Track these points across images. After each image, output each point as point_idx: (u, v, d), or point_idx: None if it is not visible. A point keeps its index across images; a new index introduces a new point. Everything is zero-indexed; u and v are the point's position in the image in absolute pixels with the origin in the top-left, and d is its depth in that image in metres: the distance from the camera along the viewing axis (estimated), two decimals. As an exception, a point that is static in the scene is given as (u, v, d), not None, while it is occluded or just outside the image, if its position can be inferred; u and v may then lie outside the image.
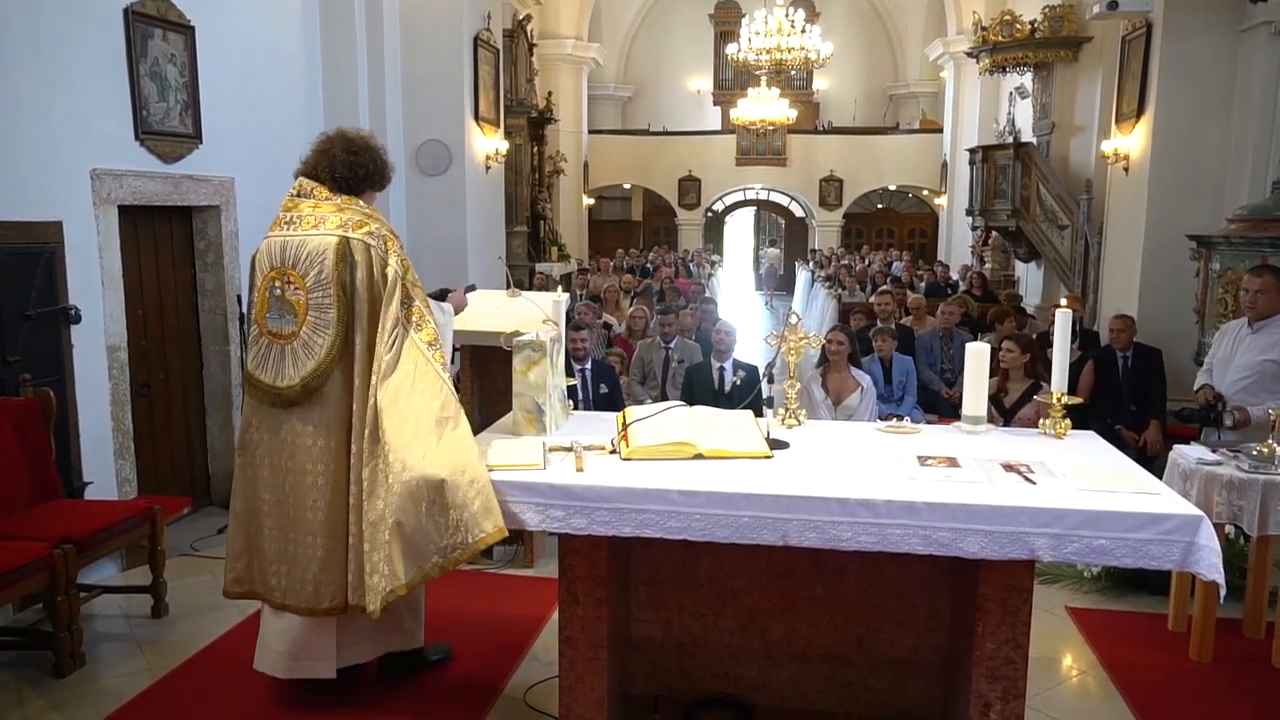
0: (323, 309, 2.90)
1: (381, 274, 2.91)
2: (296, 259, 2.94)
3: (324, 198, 3.06)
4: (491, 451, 2.75)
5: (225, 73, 5.90)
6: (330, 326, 2.90)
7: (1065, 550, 2.35)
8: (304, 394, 2.93)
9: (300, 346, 2.93)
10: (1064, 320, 3.03)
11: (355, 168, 3.08)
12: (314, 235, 2.95)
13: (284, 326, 2.95)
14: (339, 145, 3.10)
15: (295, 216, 3.05)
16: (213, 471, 6.18)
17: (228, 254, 6.04)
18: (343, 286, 2.89)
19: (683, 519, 2.49)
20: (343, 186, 3.07)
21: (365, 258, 2.91)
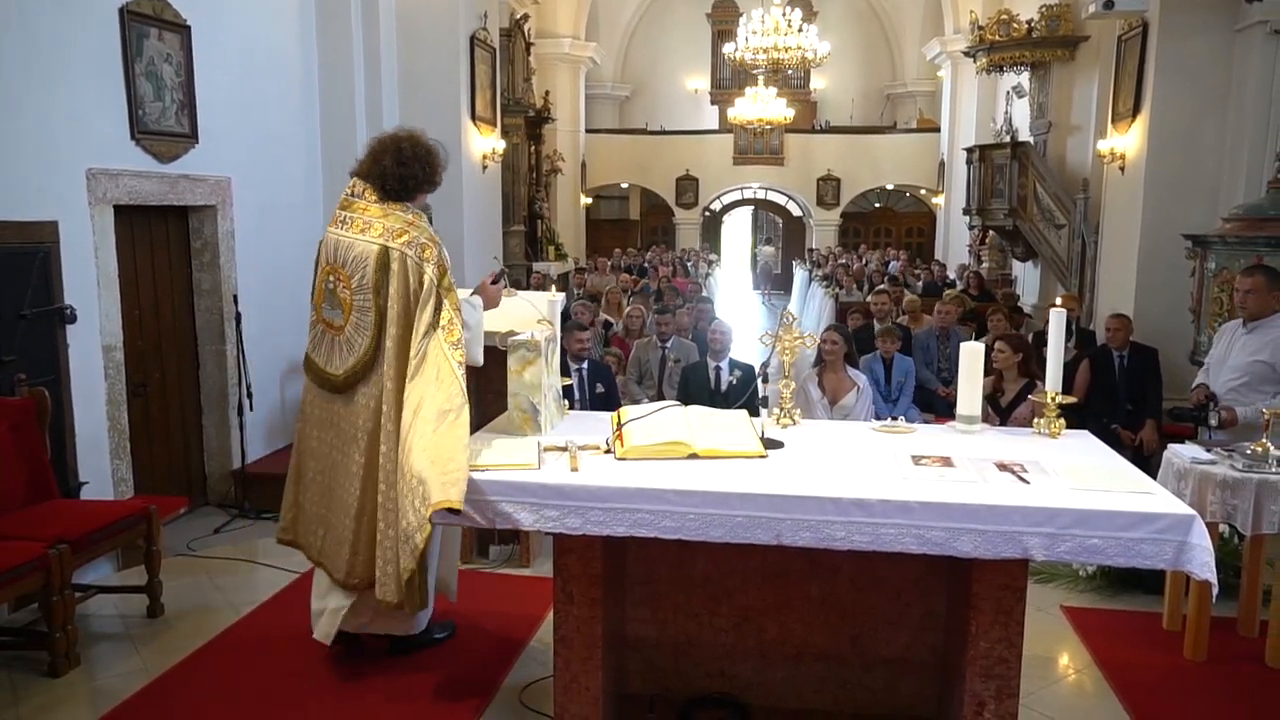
0: (364, 311, 3.11)
1: (418, 282, 3.06)
2: (345, 260, 3.14)
3: (373, 200, 3.20)
4: (486, 451, 2.75)
5: (222, 72, 5.89)
6: (369, 328, 3.12)
7: (1058, 549, 2.36)
8: (346, 385, 3.20)
9: (344, 341, 3.18)
10: (1058, 320, 3.04)
11: (405, 180, 3.19)
12: (360, 240, 3.13)
13: (335, 319, 3.21)
14: (390, 155, 3.19)
15: (347, 217, 3.22)
16: (209, 471, 6.18)
17: (224, 254, 6.04)
18: (378, 293, 3.08)
19: (677, 518, 2.49)
20: (391, 195, 3.19)
21: (402, 267, 3.07)
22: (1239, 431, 4.21)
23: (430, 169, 3.25)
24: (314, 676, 3.46)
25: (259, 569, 4.59)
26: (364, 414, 3.16)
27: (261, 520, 5.77)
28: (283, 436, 6.82)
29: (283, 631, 3.83)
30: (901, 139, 20.44)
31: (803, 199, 21.55)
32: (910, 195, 22.12)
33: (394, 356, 3.06)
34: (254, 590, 4.30)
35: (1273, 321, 4.33)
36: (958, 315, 8.06)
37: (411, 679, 3.45)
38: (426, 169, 3.23)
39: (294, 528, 3.52)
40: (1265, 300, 4.29)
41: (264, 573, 4.53)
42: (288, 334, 6.82)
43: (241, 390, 5.97)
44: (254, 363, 6.16)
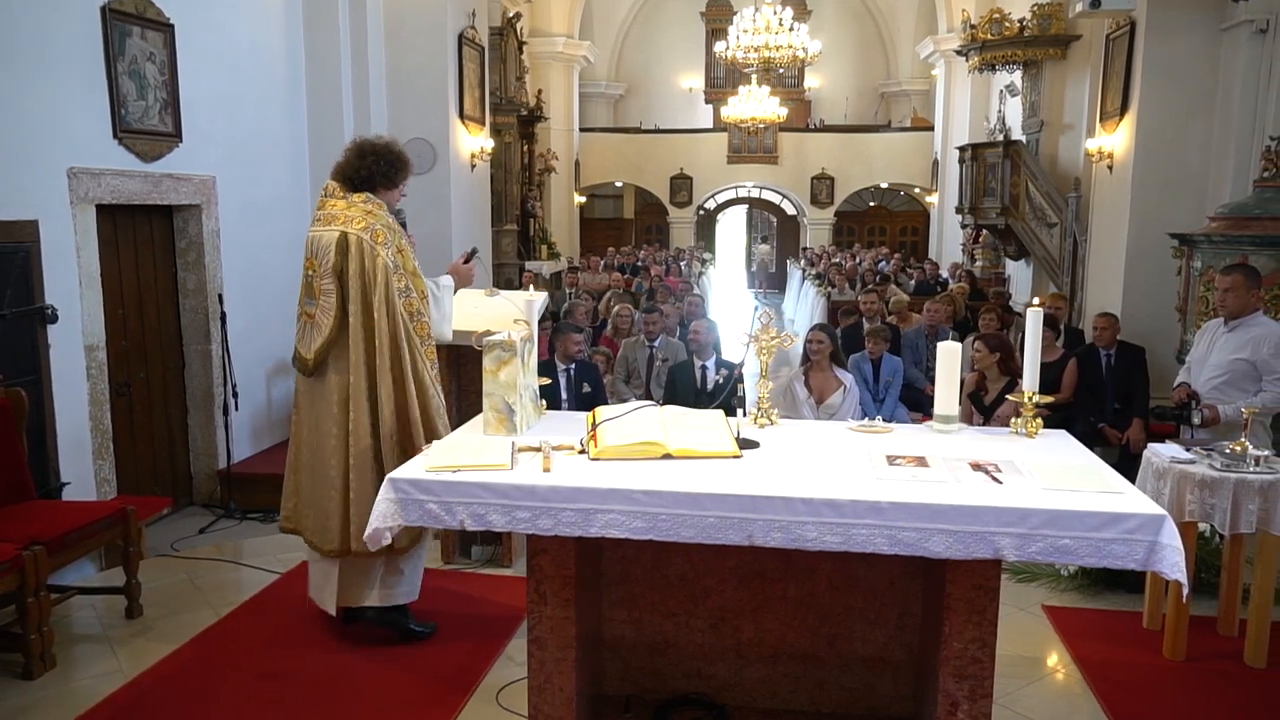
0: (328, 294, 3.40)
1: (372, 264, 3.37)
2: (315, 250, 3.45)
3: (339, 196, 3.52)
4: (459, 452, 2.74)
5: (206, 71, 5.87)
6: (333, 309, 3.41)
7: (1029, 550, 2.35)
8: (317, 364, 3.49)
9: (313, 325, 3.47)
10: (1034, 319, 3.03)
11: (360, 169, 3.52)
12: (326, 230, 3.45)
13: (309, 308, 3.51)
14: (353, 151, 3.57)
15: (321, 214, 3.54)
16: (195, 471, 6.16)
17: (209, 253, 6.02)
18: (338, 276, 3.39)
19: (648, 519, 2.48)
20: (354, 185, 3.51)
21: (359, 250, 3.37)
22: (1222, 430, 4.21)
23: (390, 165, 3.54)
24: (290, 677, 3.45)
25: (241, 570, 4.57)
26: (336, 390, 3.46)
27: (248, 520, 5.76)
28: (269, 436, 6.81)
29: (260, 632, 3.82)
30: (895, 138, 20.44)
31: (797, 198, 21.55)
32: (904, 194, 22.12)
33: (357, 332, 3.39)
34: (235, 591, 4.28)
35: (1253, 320, 4.34)
36: (947, 314, 8.06)
37: (389, 678, 3.44)
38: (385, 163, 3.52)
39: (295, 515, 3.70)
40: (1244, 299, 4.30)
41: (245, 574, 4.52)
42: (273, 333, 6.81)
43: (227, 390, 5.95)
44: (240, 362, 6.14)
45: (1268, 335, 4.28)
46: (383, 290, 3.38)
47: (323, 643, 3.72)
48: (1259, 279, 4.45)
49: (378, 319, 3.39)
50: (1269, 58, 6.08)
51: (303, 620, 3.89)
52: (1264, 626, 3.47)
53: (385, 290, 3.38)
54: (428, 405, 3.51)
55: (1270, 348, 4.23)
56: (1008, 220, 11.54)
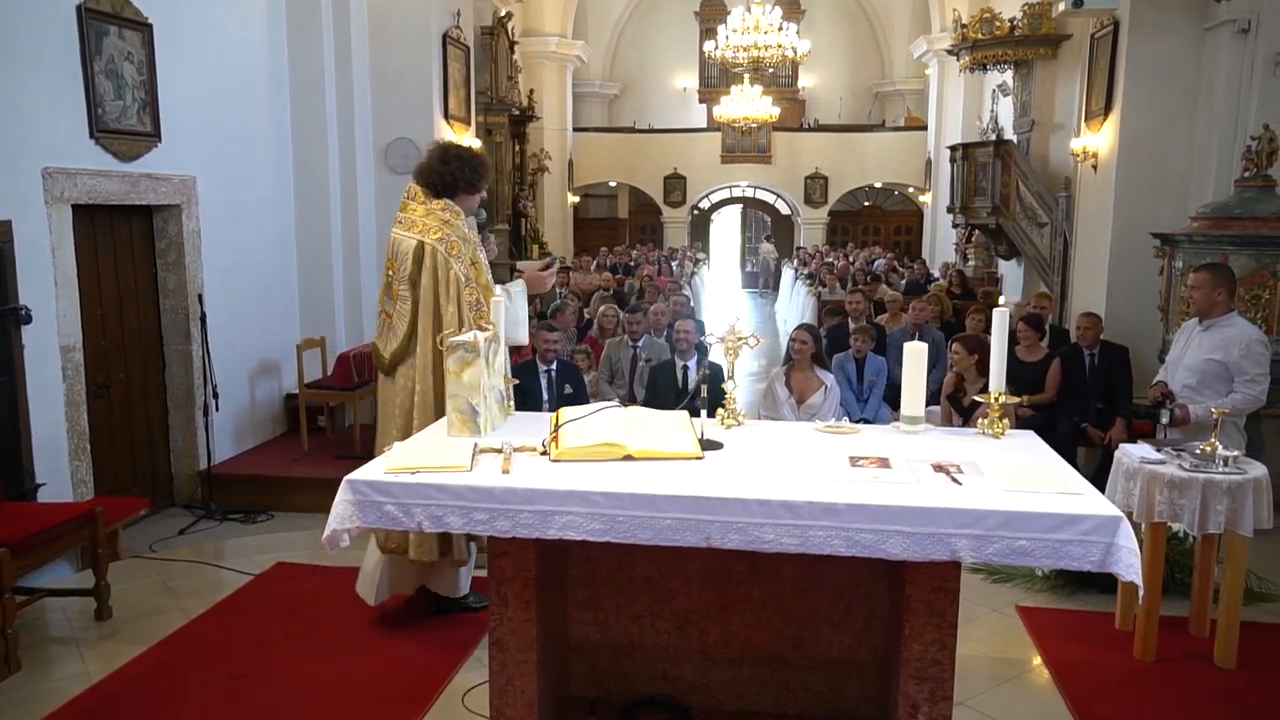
0: (403, 300, 3.53)
1: (446, 276, 3.50)
2: (395, 254, 3.56)
3: (420, 200, 3.59)
4: (418, 453, 2.73)
5: (186, 70, 5.86)
6: (407, 315, 3.53)
7: (986, 551, 2.34)
8: (391, 366, 3.62)
9: (391, 328, 3.59)
10: (1000, 319, 3.02)
11: (444, 175, 3.58)
12: (406, 236, 3.56)
13: (388, 307, 3.62)
14: (436, 155, 3.63)
15: (403, 217, 3.62)
16: (175, 472, 6.15)
17: (189, 253, 6.01)
18: (414, 284, 3.51)
19: (605, 521, 2.47)
20: (436, 191, 3.58)
21: (433, 261, 3.50)
22: (1193, 430, 4.21)
23: (471, 172, 3.62)
24: (257, 679, 3.44)
25: (215, 571, 4.55)
26: (402, 393, 3.59)
27: (228, 522, 5.75)
28: (251, 437, 6.80)
29: (231, 634, 3.81)
30: (889, 137, 20.44)
31: (791, 197, 21.55)
32: (898, 194, 22.12)
33: (428, 341, 3.51)
34: (207, 593, 4.26)
35: (1227, 321, 4.34)
36: (933, 314, 8.06)
37: (357, 679, 3.43)
38: (469, 169, 3.60)
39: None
40: (1210, 296, 4.31)
41: (219, 575, 4.50)
42: (256, 333, 6.80)
43: (207, 391, 5.93)
44: (221, 363, 6.13)
45: (1239, 337, 4.28)
46: (455, 303, 3.49)
47: (292, 644, 3.71)
48: (1230, 278, 4.45)
49: (447, 329, 3.47)
50: (1251, 57, 6.07)
51: (274, 622, 3.89)
52: (1233, 627, 3.46)
53: (458, 303, 3.49)
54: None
55: (1241, 349, 4.24)
56: (999, 220, 11.52)
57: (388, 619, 3.92)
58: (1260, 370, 4.29)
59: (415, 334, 3.53)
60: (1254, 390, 4.27)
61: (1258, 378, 4.28)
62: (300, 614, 3.96)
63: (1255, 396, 4.28)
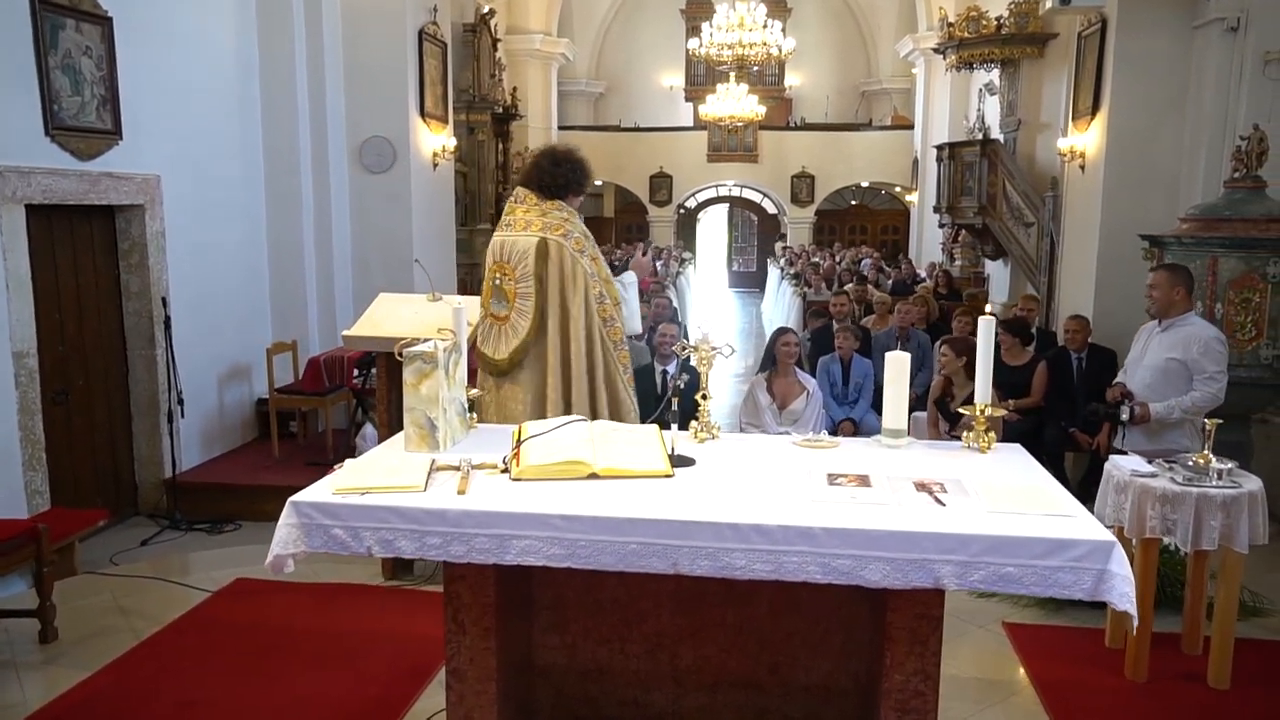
0: (526, 298, 3.51)
1: (572, 271, 3.50)
2: (510, 255, 3.54)
3: (533, 203, 3.60)
4: (371, 472, 2.56)
5: (149, 65, 5.67)
6: (530, 313, 3.50)
7: (971, 578, 2.20)
8: (510, 365, 3.57)
9: (509, 327, 3.55)
10: (986, 328, 2.88)
11: (557, 177, 3.62)
12: (522, 236, 3.55)
13: (499, 310, 3.58)
14: (546, 159, 3.66)
15: (512, 219, 3.63)
16: (140, 480, 5.96)
17: (153, 254, 5.82)
18: (540, 280, 3.50)
19: (566, 545, 2.31)
20: (549, 193, 3.60)
21: (559, 256, 3.49)
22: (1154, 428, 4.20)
23: (581, 172, 3.69)
24: (206, 705, 3.26)
25: (170, 588, 4.35)
26: (529, 390, 3.56)
27: (194, 532, 5.58)
28: (220, 443, 6.61)
29: (182, 656, 3.62)
30: (876, 136, 20.34)
31: (777, 196, 21.42)
32: (885, 193, 22.03)
33: (554, 336, 3.50)
34: (160, 611, 4.06)
35: (1185, 320, 4.31)
36: (920, 316, 7.93)
37: (313, 704, 3.27)
38: (578, 171, 3.67)
39: None
40: (1168, 295, 4.27)
41: (175, 592, 4.31)
42: (226, 336, 6.62)
43: (171, 397, 5.74)
44: (189, 367, 5.95)
45: (1197, 335, 4.24)
46: (582, 295, 3.50)
47: (245, 667, 3.53)
48: (1188, 278, 4.41)
49: (574, 323, 3.49)
50: (1240, 56, 5.97)
51: (228, 642, 3.71)
52: (1227, 647, 3.33)
53: (584, 295, 3.51)
54: (619, 409, 3.62)
55: (1200, 346, 4.19)
56: (985, 220, 11.43)
57: (346, 638, 3.75)
58: (1219, 368, 4.26)
59: (544, 330, 3.52)
60: (1213, 388, 4.23)
61: (1216, 375, 4.25)
62: (256, 634, 3.78)
63: (1214, 394, 4.24)
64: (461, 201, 13.60)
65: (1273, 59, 5.81)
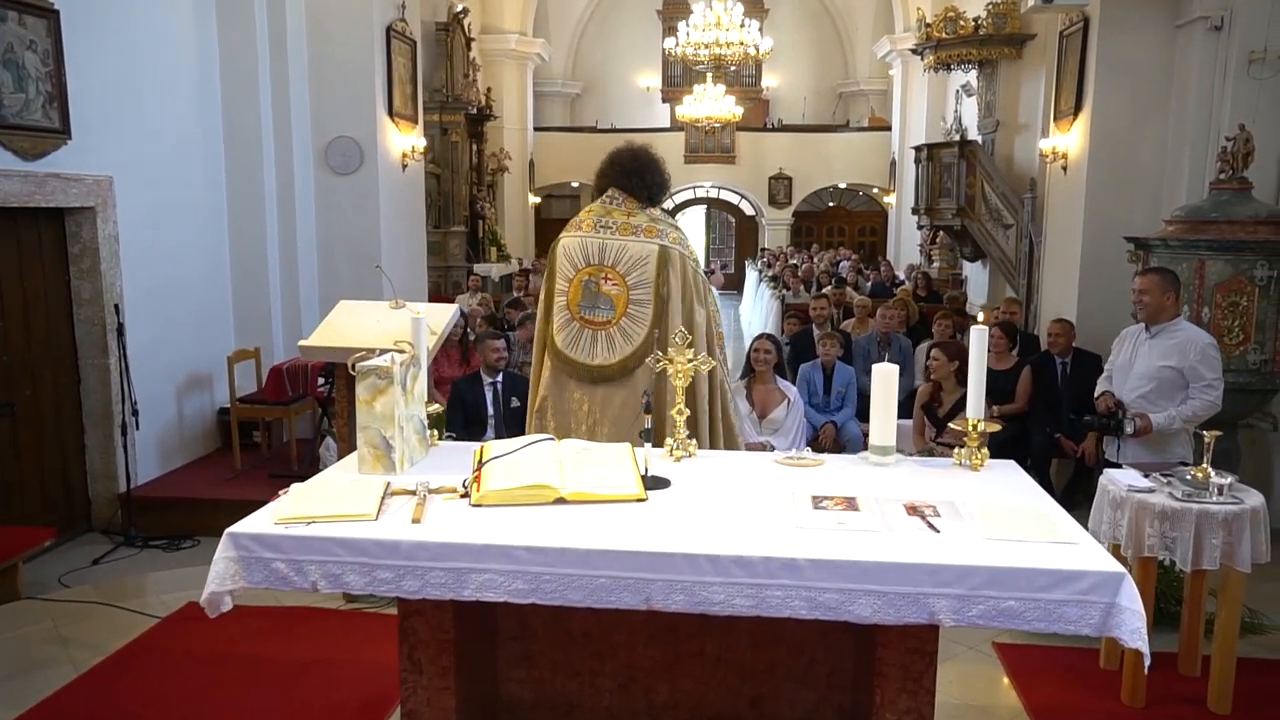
0: (641, 304, 3.44)
1: (695, 277, 3.52)
2: (618, 259, 3.45)
3: (634, 207, 3.54)
4: (318, 498, 2.36)
5: (100, 61, 5.41)
6: (648, 320, 3.44)
7: (970, 614, 2.03)
8: (620, 372, 3.47)
9: (618, 333, 3.46)
10: (979, 339, 2.71)
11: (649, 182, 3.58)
12: (634, 241, 3.47)
13: (597, 315, 3.47)
14: (630, 160, 3.60)
15: (610, 221, 3.52)
16: (93, 495, 5.69)
17: (106, 259, 5.55)
18: (660, 287, 3.45)
19: (530, 580, 2.12)
20: (649, 199, 3.58)
21: (681, 263, 3.49)
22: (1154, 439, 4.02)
23: (666, 177, 3.69)
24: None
25: (117, 614, 4.09)
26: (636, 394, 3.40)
27: (149, 549, 5.32)
28: (180, 455, 6.35)
29: (120, 692, 3.38)
30: (853, 138, 20.27)
31: (754, 198, 21.30)
32: (863, 194, 21.97)
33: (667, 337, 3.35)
34: (105, 640, 3.81)
35: (1175, 326, 4.13)
36: (900, 320, 7.79)
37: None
38: (666, 177, 3.68)
39: None
40: (1160, 301, 4.09)
41: (122, 618, 4.05)
42: (186, 344, 6.36)
43: (125, 408, 5.48)
44: (146, 377, 5.69)
45: (1193, 341, 4.06)
46: (706, 309, 3.52)
47: (191, 702, 3.30)
48: (1177, 282, 4.25)
49: (699, 328, 3.45)
50: (1224, 55, 5.86)
51: (173, 674, 3.48)
52: (1228, 671, 3.19)
53: (709, 310, 3.54)
54: (727, 409, 3.65)
55: (1197, 353, 4.02)
56: (963, 221, 11.34)
57: (304, 668, 3.53)
58: (1215, 375, 4.10)
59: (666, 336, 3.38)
60: (1210, 395, 4.07)
61: (1214, 382, 4.08)
62: (206, 664, 3.55)
63: (1212, 402, 4.08)
64: (435, 203, 13.38)
65: (1257, 58, 5.71)
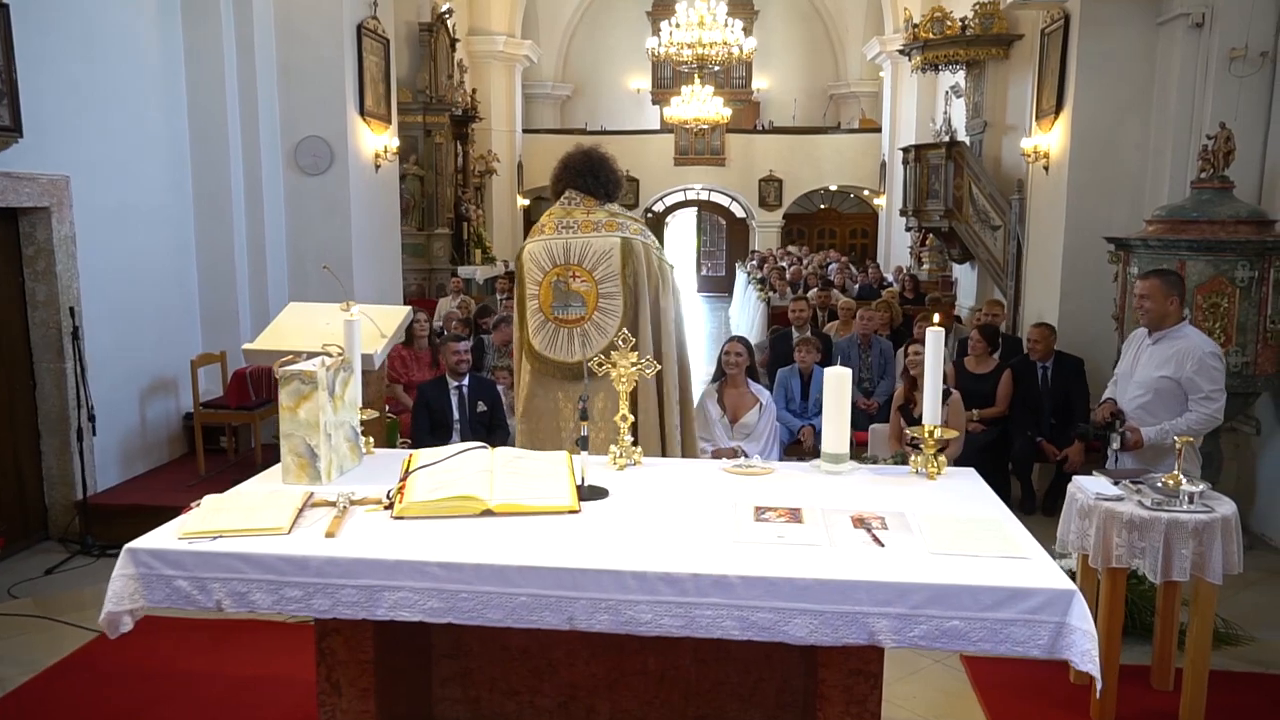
0: (611, 298, 3.47)
1: (660, 270, 3.57)
2: (583, 256, 3.48)
3: (592, 205, 3.58)
4: (231, 511, 2.23)
5: (56, 57, 5.27)
6: (619, 313, 3.47)
7: (912, 634, 1.91)
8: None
9: (592, 328, 3.48)
10: (935, 341, 2.59)
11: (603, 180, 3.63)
12: (596, 236, 3.51)
13: (569, 313, 3.50)
14: (592, 161, 3.64)
15: (571, 221, 3.56)
16: (50, 503, 5.55)
17: (61, 260, 5.41)
18: (626, 280, 3.48)
19: (445, 598, 2.00)
20: (604, 195, 3.61)
21: (645, 254, 3.52)
22: (1148, 454, 3.84)
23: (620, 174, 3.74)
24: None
25: (57, 628, 3.94)
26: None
27: (105, 557, 5.16)
28: (142, 461, 6.21)
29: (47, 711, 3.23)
30: (843, 139, 20.17)
31: (745, 200, 21.20)
32: (854, 196, 21.88)
33: (646, 329, 3.47)
34: (40, 656, 3.65)
35: (1178, 332, 3.93)
36: (883, 322, 7.68)
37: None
38: (619, 174, 3.72)
39: None
40: (1161, 305, 3.90)
41: (62, 632, 3.90)
42: (149, 348, 6.22)
43: (82, 413, 5.34)
44: (106, 381, 5.56)
45: (1191, 350, 3.87)
46: (672, 295, 3.60)
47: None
48: (1181, 286, 4.09)
49: (664, 316, 3.54)
50: (1205, 52, 5.76)
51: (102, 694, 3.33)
52: (1201, 685, 3.07)
53: (675, 296, 3.62)
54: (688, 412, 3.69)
55: (1194, 364, 3.83)
56: (951, 223, 11.25)
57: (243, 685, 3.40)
58: (1215, 386, 3.89)
59: (636, 328, 3.46)
60: (1209, 408, 3.87)
61: (1213, 394, 3.88)
62: (139, 682, 3.40)
63: (1211, 415, 3.88)
64: (418, 205, 13.25)
65: (1238, 55, 5.61)
